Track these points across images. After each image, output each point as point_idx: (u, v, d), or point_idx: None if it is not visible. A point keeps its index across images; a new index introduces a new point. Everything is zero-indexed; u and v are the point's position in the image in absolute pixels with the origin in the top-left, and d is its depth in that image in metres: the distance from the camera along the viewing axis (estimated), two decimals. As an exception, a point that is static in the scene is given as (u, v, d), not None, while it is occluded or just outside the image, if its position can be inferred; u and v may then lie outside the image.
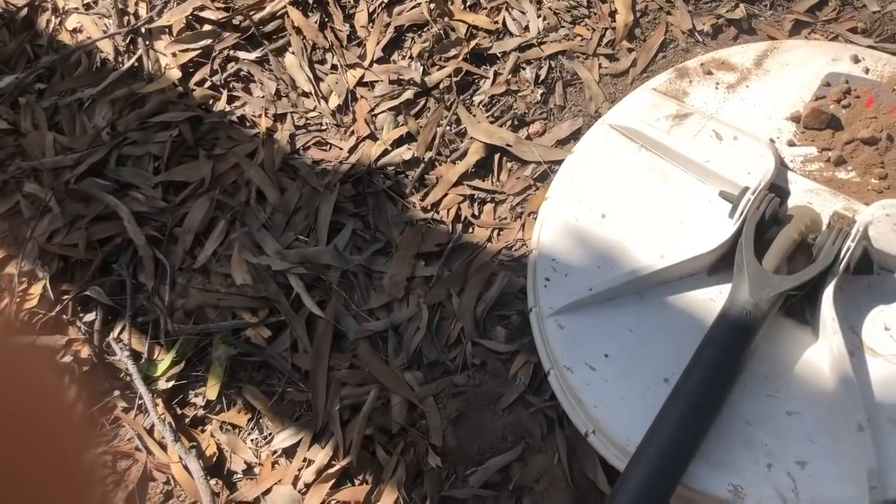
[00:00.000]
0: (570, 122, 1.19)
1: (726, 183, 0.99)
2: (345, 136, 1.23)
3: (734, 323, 0.89)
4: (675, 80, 1.11)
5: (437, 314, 1.07)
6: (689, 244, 0.98)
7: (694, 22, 1.23)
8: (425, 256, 1.12)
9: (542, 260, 1.03)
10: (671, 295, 0.98)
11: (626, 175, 1.06)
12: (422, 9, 1.29)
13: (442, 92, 1.23)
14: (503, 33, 1.27)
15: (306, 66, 1.27)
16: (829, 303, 0.89)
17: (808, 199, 0.98)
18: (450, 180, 1.16)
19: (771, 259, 0.91)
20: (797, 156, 1.03)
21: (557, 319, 0.98)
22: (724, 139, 1.02)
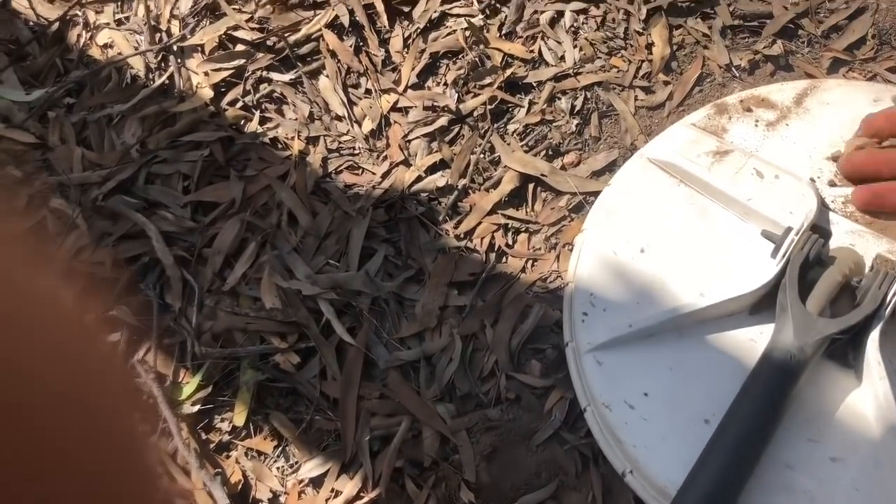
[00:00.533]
0: (606, 153, 1.18)
1: (768, 222, 0.99)
2: (378, 161, 1.22)
3: (778, 366, 0.88)
4: (714, 115, 1.10)
5: (471, 345, 1.06)
6: (729, 283, 0.97)
7: (731, 57, 1.22)
8: (458, 285, 1.11)
9: (580, 294, 1.02)
10: (711, 334, 0.97)
11: (665, 210, 1.05)
12: (457, 36, 1.29)
13: (476, 119, 1.23)
14: (539, 62, 1.26)
15: (340, 90, 1.27)
16: (875, 347, 0.88)
17: (851, 241, 0.97)
18: (483, 209, 1.15)
19: (815, 302, 0.90)
20: (838, 196, 1.02)
21: (596, 355, 0.97)
22: (765, 177, 1.02)
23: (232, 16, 1.34)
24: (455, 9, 1.32)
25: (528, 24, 1.29)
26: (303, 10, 1.34)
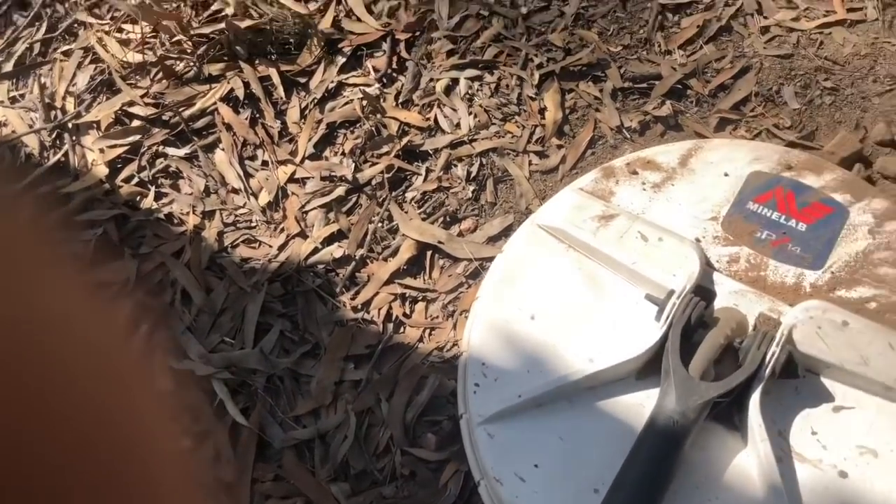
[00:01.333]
0: (502, 218, 1.19)
1: (653, 285, 0.99)
2: (275, 234, 1.21)
3: (662, 431, 0.88)
4: (601, 179, 1.12)
5: (366, 421, 1.05)
6: (618, 348, 0.97)
7: (622, 119, 1.24)
8: (355, 359, 1.09)
9: (472, 364, 1.01)
10: (600, 401, 0.97)
11: (555, 276, 1.05)
12: (354, 105, 1.29)
13: (374, 188, 1.23)
14: (435, 130, 1.27)
15: (236, 163, 1.26)
16: (756, 409, 0.89)
17: (734, 301, 0.99)
18: (381, 278, 1.15)
19: (697, 365, 0.90)
20: (723, 256, 1.03)
21: (487, 428, 0.96)
22: (649, 240, 1.03)
23: (127, 91, 1.34)
24: (352, 79, 1.33)
25: (425, 93, 1.31)
26: (198, 85, 1.34)
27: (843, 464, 0.89)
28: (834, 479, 0.88)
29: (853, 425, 0.91)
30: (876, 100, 1.23)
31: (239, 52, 1.34)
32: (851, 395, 0.93)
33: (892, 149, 1.18)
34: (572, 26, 1.34)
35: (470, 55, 1.33)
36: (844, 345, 0.93)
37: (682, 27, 1.33)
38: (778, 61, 1.28)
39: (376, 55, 1.35)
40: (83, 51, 1.41)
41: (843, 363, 0.92)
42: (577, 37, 1.33)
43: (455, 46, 1.34)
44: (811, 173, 1.09)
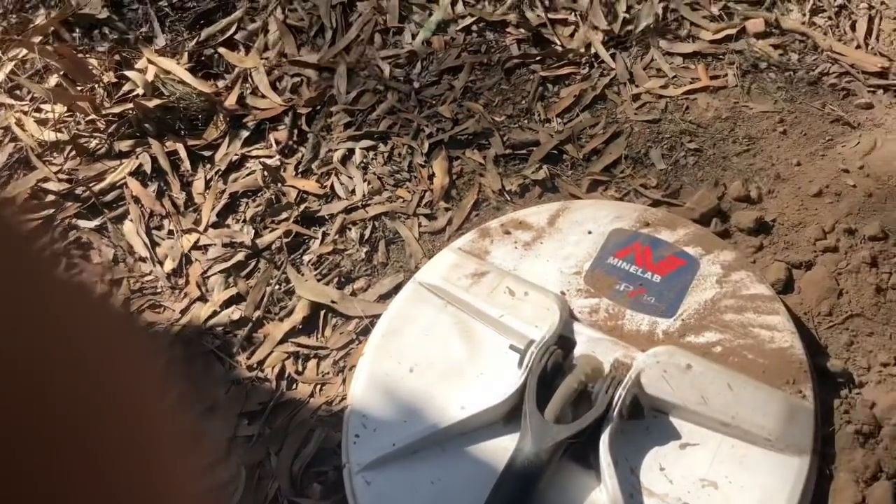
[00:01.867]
0: (392, 277, 1.27)
1: (517, 336, 1.08)
2: (178, 299, 1.28)
3: (518, 472, 0.95)
4: (478, 239, 1.21)
5: (257, 473, 1.10)
6: (487, 395, 1.05)
7: (503, 183, 1.34)
8: (249, 415, 1.16)
9: (354, 416, 1.08)
10: (470, 445, 1.04)
11: (433, 330, 1.13)
12: (256, 176, 1.38)
13: (273, 253, 1.31)
14: (331, 197, 1.36)
15: (143, 233, 1.34)
16: (605, 449, 0.97)
17: (593, 349, 1.07)
18: (276, 338, 1.22)
19: (552, 409, 0.98)
20: (585, 307, 1.12)
21: (364, 475, 1.03)
22: (516, 294, 1.11)
23: (42, 169, 1.41)
24: (255, 151, 1.42)
25: (323, 162, 1.40)
26: (109, 160, 1.42)
27: (686, 496, 0.96)
28: (679, 511, 0.96)
29: (697, 460, 0.99)
30: (735, 159, 1.34)
31: (148, 129, 1.43)
32: (697, 432, 1.01)
33: (748, 204, 1.28)
34: (461, 98, 1.45)
35: (366, 127, 1.43)
36: (687, 386, 1.01)
37: (561, 97, 1.44)
38: (647, 126, 1.39)
39: (279, 128, 1.44)
40: (2, 130, 1.49)
41: (686, 403, 1.00)
42: (464, 108, 1.43)
43: (352, 119, 1.44)
44: (667, 229, 1.19)
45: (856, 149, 1.30)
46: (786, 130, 1.36)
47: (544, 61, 1.49)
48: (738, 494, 0.95)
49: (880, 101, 1.37)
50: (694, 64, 1.46)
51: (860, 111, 1.37)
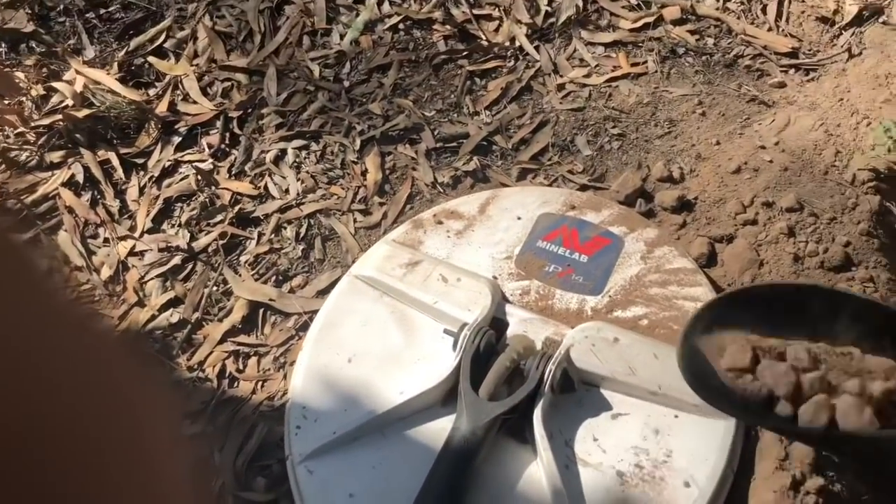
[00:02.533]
0: (330, 273, 1.29)
1: (451, 320, 1.10)
2: (116, 305, 1.28)
3: (455, 450, 0.98)
4: (411, 230, 1.23)
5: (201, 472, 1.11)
6: (425, 380, 1.07)
7: (436, 175, 1.37)
8: (191, 415, 1.16)
9: (295, 408, 1.09)
10: (409, 429, 1.06)
11: (370, 320, 1.15)
12: (189, 180, 1.39)
13: (210, 255, 1.31)
14: (266, 197, 1.37)
15: (78, 242, 1.33)
16: (539, 422, 0.99)
17: (525, 328, 1.10)
18: (215, 338, 1.23)
19: (486, 387, 1.01)
20: (516, 289, 1.15)
21: (307, 465, 1.04)
22: (449, 281, 1.14)
23: (-29, 183, 1.41)
24: (187, 156, 1.43)
25: (256, 164, 1.41)
26: (40, 172, 1.41)
27: (620, 464, 1.00)
28: (612, 479, 0.99)
29: (628, 429, 1.02)
30: (657, 142, 1.39)
31: (79, 139, 1.43)
32: (627, 402, 1.04)
33: (670, 184, 1.33)
34: (391, 95, 1.47)
35: (297, 127, 1.44)
36: (615, 358, 1.05)
37: (489, 90, 1.47)
38: (572, 114, 1.43)
39: (211, 133, 1.46)
40: (-71, 147, 1.48)
41: (615, 374, 1.04)
42: (395, 105, 1.46)
43: (284, 120, 1.46)
44: (592, 211, 1.22)
45: (771, 126, 1.35)
46: (705, 112, 1.41)
47: (471, 56, 1.52)
48: (669, 459, 0.99)
49: (792, 79, 1.43)
50: (615, 52, 1.51)
51: (774, 90, 1.42)
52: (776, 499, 0.98)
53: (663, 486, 0.98)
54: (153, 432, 0.31)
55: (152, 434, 0.31)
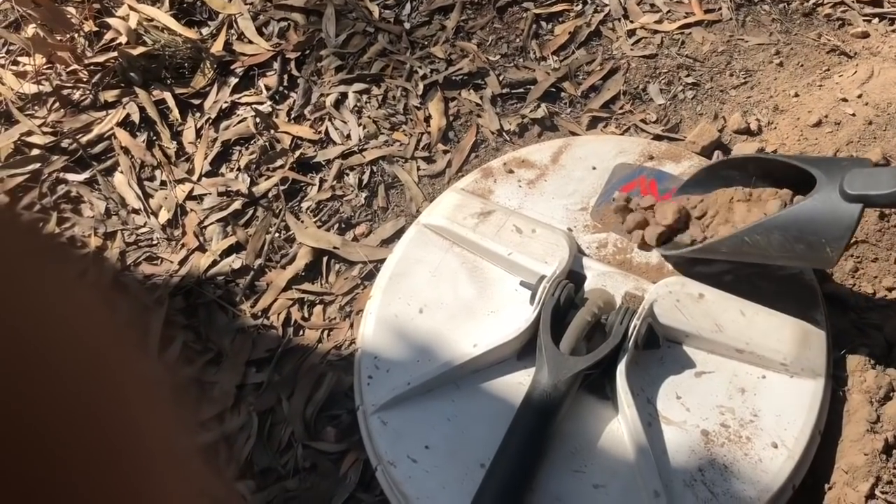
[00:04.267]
0: (394, 222, 1.25)
1: (527, 272, 1.07)
2: (175, 250, 1.25)
3: (536, 405, 0.95)
4: (480, 179, 1.19)
5: (269, 420, 1.09)
6: (499, 332, 1.04)
7: (501, 123, 1.32)
8: (256, 363, 1.14)
9: (366, 358, 1.07)
10: (484, 382, 1.03)
11: (440, 270, 1.12)
12: (247, 123, 1.35)
13: (270, 201, 1.28)
14: (326, 142, 1.33)
15: (135, 184, 1.30)
16: (622, 378, 0.97)
17: (603, 282, 1.07)
18: (279, 285, 1.20)
19: (567, 341, 0.98)
20: (592, 242, 1.12)
21: (380, 415, 1.02)
22: (523, 232, 1.10)
23: (25, 122, 1.37)
24: (244, 98, 1.38)
25: (315, 107, 1.37)
26: (94, 111, 1.38)
27: (704, 423, 0.97)
28: (697, 438, 0.96)
29: (713, 387, 0.99)
30: (733, 92, 1.33)
31: (133, 78, 1.39)
32: (711, 360, 1.01)
33: (748, 136, 1.28)
34: (453, 39, 1.42)
35: (357, 70, 1.40)
36: (701, 314, 1.01)
37: (556, 34, 1.42)
38: (644, 61, 1.37)
39: (268, 74, 1.41)
40: (-21, 85, 1.44)
41: (700, 331, 1.00)
42: (457, 48, 1.41)
43: (343, 62, 1.41)
44: (671, 161, 1.18)
45: (853, 78, 1.30)
46: (782, 62, 1.35)
47: (536, -1, 1.47)
48: (756, 419, 0.96)
49: (876, 29, 1.37)
50: (687, -2, 1.45)
51: (856, 40, 1.36)
52: (867, 461, 0.95)
53: (750, 447, 0.95)
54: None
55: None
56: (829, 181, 0.94)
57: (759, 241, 0.96)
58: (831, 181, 0.94)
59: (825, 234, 0.93)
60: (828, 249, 0.93)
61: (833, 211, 0.93)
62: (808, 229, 0.94)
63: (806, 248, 0.94)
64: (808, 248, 0.94)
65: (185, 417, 0.34)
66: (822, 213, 0.93)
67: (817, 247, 0.94)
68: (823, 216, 0.93)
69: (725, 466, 0.94)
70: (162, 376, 0.34)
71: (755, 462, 0.94)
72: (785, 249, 0.96)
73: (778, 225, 0.95)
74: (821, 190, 0.94)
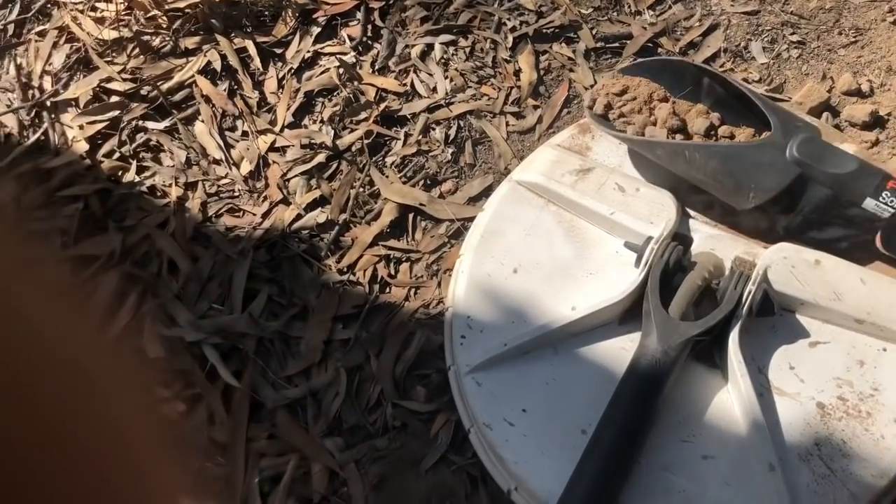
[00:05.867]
0: (481, 179, 1.21)
1: (631, 233, 1.02)
2: (258, 202, 1.22)
3: (644, 371, 0.91)
4: (577, 135, 1.14)
5: (357, 377, 1.06)
6: (599, 295, 1.00)
7: (595, 78, 1.27)
8: (343, 319, 1.11)
9: (458, 317, 1.03)
10: (584, 346, 0.99)
11: (535, 229, 1.08)
12: (331, 74, 1.30)
13: (354, 154, 1.24)
14: (412, 95, 1.29)
15: (216, 134, 1.27)
16: (735, 346, 0.92)
17: (711, 245, 1.01)
18: (365, 241, 1.16)
19: (677, 306, 0.93)
20: (698, 203, 1.06)
21: (475, 376, 0.98)
22: (626, 191, 1.05)
23: (104, 68, 1.34)
24: (327, 48, 1.34)
25: (400, 59, 1.32)
26: (175, 59, 1.34)
27: (820, 395, 0.92)
28: (812, 411, 0.91)
29: (829, 359, 0.94)
30: (842, 51, 1.26)
31: (214, 25, 1.35)
32: (827, 329, 0.96)
33: (858, 98, 1.21)
34: (544, -10, 1.36)
35: (444, 21, 1.35)
36: (818, 282, 0.96)
37: (651, -13, 1.35)
38: (745, 18, 1.30)
39: (351, 24, 1.36)
40: (58, 30, 1.41)
41: (817, 299, 0.95)
42: (548, 0, 1.35)
43: (429, 13, 1.36)
44: (781, 122, 1.12)
45: (974, 38, 1.22)
46: None
47: (630, -49, 1.40)
48: (876, 393, 0.91)
49: None
50: (793, -49, 1.37)
51: (976, -2, 1.28)
52: None
53: (871, 422, 0.90)
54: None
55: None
56: (783, 134, 0.97)
57: (696, 160, 0.99)
58: (785, 135, 0.97)
59: (757, 181, 0.97)
60: (751, 195, 0.97)
61: (773, 164, 0.97)
62: (744, 170, 0.97)
63: (733, 185, 0.98)
64: (734, 186, 0.98)
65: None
66: (764, 162, 0.97)
67: (743, 189, 0.98)
68: (763, 164, 0.97)
69: (844, 441, 0.89)
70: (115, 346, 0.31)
71: (877, 439, 0.89)
72: (714, 177, 0.99)
73: (722, 153, 0.99)
74: (774, 139, 0.97)
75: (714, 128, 1.03)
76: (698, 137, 1.02)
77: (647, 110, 1.05)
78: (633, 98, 1.06)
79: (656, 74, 1.08)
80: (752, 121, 1.03)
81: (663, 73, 1.08)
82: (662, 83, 1.07)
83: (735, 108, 1.04)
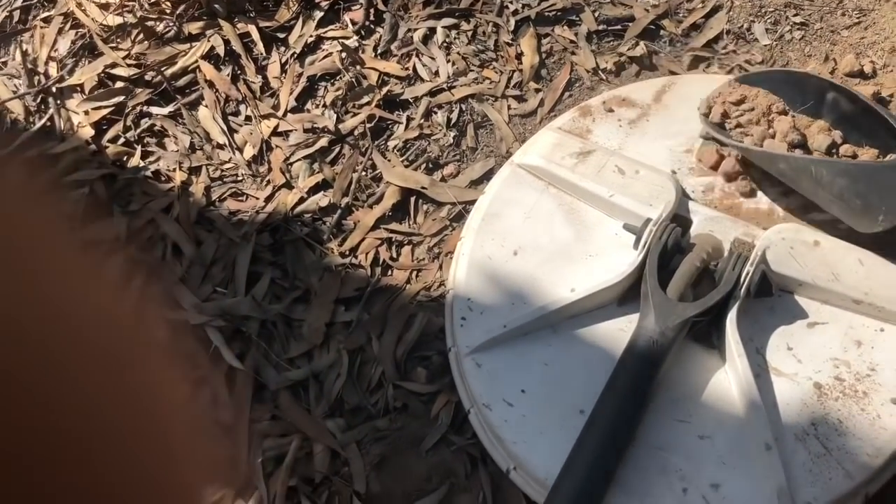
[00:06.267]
0: (483, 162, 1.21)
1: (630, 215, 1.02)
2: (261, 186, 1.23)
3: (642, 351, 0.91)
4: (578, 118, 1.14)
5: (358, 359, 1.08)
6: (598, 277, 1.00)
7: (597, 61, 1.27)
8: (345, 302, 1.12)
9: (458, 299, 1.04)
10: (583, 327, 1.00)
11: (535, 212, 1.08)
12: (333, 58, 1.31)
13: (356, 138, 1.25)
14: (414, 79, 1.29)
15: (220, 119, 1.28)
16: (733, 327, 0.92)
17: (710, 227, 1.02)
18: (367, 225, 1.17)
19: (675, 287, 0.93)
20: (698, 185, 1.06)
21: (474, 357, 0.99)
22: (626, 173, 1.06)
23: (109, 54, 1.35)
24: (330, 32, 1.35)
25: (403, 43, 1.33)
26: (178, 44, 1.35)
27: (817, 376, 0.92)
28: (809, 391, 0.92)
29: (827, 339, 0.95)
30: (845, 32, 1.26)
31: (217, 10, 1.36)
32: (825, 310, 0.96)
33: (860, 79, 1.21)
34: (546, -27, 1.36)
35: (446, 4, 1.35)
36: (816, 263, 0.96)
37: (654, -31, 1.35)
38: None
39: (353, 8, 1.37)
40: (63, 16, 1.42)
41: (816, 280, 0.95)
42: (551, -17, 1.35)
43: (431, -4, 1.36)
44: (782, 103, 1.11)
45: (979, 18, 1.21)
46: (899, 1, 1.27)
47: (633, -68, 1.39)
48: (873, 373, 0.91)
49: None
50: (796, -69, 1.36)
51: (982, -22, 1.27)
52: None
53: (867, 402, 0.90)
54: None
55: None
56: None
57: (822, 177, 0.95)
58: None
59: (889, 203, 0.91)
60: (880, 217, 0.92)
61: None
62: (876, 190, 0.92)
63: (861, 205, 0.93)
64: (863, 206, 0.93)
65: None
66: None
67: (872, 210, 0.93)
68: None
69: (840, 421, 0.89)
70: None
71: (873, 418, 0.89)
72: (840, 196, 0.94)
73: (853, 171, 0.94)
74: None
75: (836, 146, 0.99)
76: (818, 154, 0.98)
77: (765, 122, 1.02)
78: (751, 108, 1.03)
79: (775, 85, 1.04)
80: (876, 141, 0.98)
81: (783, 85, 1.04)
82: (781, 95, 1.03)
83: (860, 125, 1.00)
